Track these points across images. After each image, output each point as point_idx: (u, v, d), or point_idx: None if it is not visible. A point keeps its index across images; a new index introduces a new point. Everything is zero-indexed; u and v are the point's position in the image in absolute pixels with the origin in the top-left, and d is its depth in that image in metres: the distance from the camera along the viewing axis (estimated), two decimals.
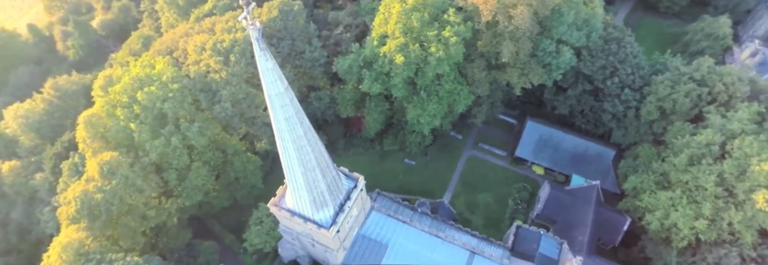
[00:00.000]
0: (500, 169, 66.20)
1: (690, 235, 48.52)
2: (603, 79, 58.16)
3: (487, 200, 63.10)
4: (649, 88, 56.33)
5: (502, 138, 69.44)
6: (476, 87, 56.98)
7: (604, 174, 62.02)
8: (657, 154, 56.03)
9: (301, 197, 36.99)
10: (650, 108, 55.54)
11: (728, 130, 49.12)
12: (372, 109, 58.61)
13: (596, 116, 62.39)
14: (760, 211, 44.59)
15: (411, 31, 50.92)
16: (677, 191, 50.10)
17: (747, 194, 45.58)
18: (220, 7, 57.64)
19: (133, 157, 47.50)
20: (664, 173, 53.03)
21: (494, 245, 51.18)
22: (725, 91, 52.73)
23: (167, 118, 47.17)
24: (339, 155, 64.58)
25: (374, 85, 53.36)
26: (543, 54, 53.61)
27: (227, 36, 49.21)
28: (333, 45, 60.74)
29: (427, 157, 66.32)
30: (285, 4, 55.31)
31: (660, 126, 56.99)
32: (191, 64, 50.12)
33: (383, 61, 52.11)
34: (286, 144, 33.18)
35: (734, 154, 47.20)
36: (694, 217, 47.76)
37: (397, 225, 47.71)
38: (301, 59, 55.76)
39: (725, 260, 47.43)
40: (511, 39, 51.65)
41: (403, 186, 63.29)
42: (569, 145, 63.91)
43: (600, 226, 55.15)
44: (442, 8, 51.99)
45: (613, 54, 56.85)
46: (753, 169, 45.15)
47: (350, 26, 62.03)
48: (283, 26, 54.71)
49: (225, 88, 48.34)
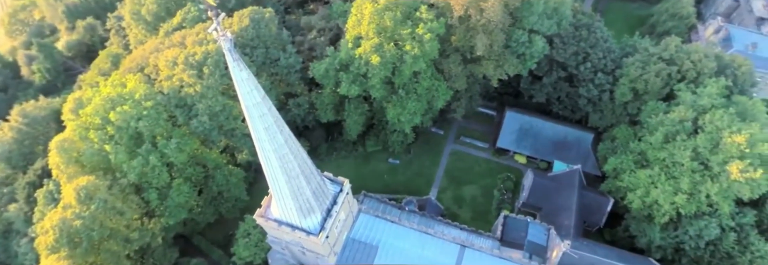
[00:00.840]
0: (483, 161, 66.07)
1: (671, 210, 49.05)
2: (576, 65, 58.42)
3: (473, 193, 62.94)
4: (621, 71, 56.76)
5: (483, 130, 69.25)
6: (454, 82, 56.53)
7: (584, 158, 62.37)
8: (633, 134, 56.56)
9: (286, 205, 36.16)
10: (623, 90, 55.96)
11: (699, 106, 49.83)
12: (352, 111, 57.81)
13: (572, 102, 62.75)
14: (735, 181, 45.21)
15: (385, 30, 50.27)
16: (655, 169, 50.57)
17: (721, 166, 46.17)
18: (189, 19, 55.90)
19: (111, 179, 45.82)
20: (641, 152, 53.44)
21: (483, 236, 51.02)
22: (693, 68, 53.33)
23: (143, 136, 45.69)
24: (322, 159, 63.68)
25: (352, 88, 52.51)
26: (516, 45, 53.66)
27: (199, 48, 47.72)
28: (308, 50, 59.57)
29: (411, 155, 65.80)
30: (256, 12, 54.01)
31: (634, 107, 57.38)
32: (164, 79, 48.51)
33: (359, 62, 51.30)
34: (267, 154, 32.35)
35: (706, 128, 47.90)
36: (674, 192, 48.25)
37: (386, 225, 47.24)
38: (277, 67, 54.51)
39: (706, 232, 48.21)
40: (484, 32, 51.42)
41: (389, 186, 62.67)
42: (549, 132, 64.13)
43: (584, 209, 55.46)
44: (414, 6, 51.48)
45: (584, 40, 57.20)
46: (725, 141, 45.83)
47: (324, 30, 60.92)
48: (255, 35, 53.33)
49: (201, 102, 46.99)
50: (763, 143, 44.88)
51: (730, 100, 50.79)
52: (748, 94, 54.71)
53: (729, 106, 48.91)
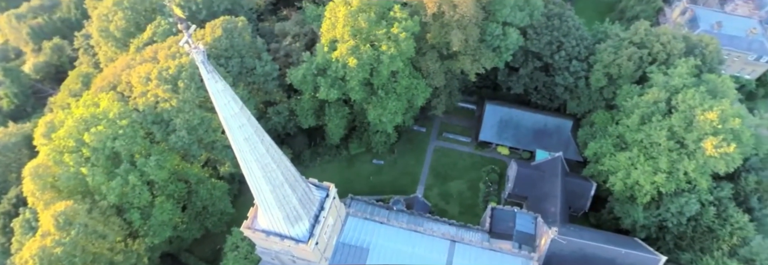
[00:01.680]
0: (467, 155, 65.77)
1: (652, 190, 49.75)
2: (551, 54, 58.60)
3: (459, 188, 62.56)
4: (594, 57, 57.16)
5: (464, 125, 68.88)
6: (432, 79, 55.96)
7: (565, 145, 62.66)
8: (611, 118, 57.03)
9: (273, 215, 35.29)
10: (598, 75, 56.46)
11: (671, 86, 50.51)
12: (332, 115, 56.67)
13: (550, 91, 62.86)
14: (710, 157, 46.11)
15: (360, 32, 49.35)
16: (634, 151, 51.15)
17: (696, 143, 46.97)
18: (160, 33, 53.75)
19: (90, 202, 43.73)
20: (619, 135, 53.96)
21: (473, 230, 50.88)
22: (663, 50, 54.06)
23: (121, 156, 43.86)
24: (306, 166, 62.36)
25: (331, 92, 51.43)
26: (491, 38, 53.49)
27: (172, 62, 45.76)
28: (284, 57, 58.04)
29: (395, 154, 64.95)
30: (228, 22, 52.38)
31: (610, 91, 57.83)
32: (138, 96, 46.64)
33: (336, 66, 50.23)
34: (249, 164, 31.81)
35: (680, 107, 48.61)
36: (653, 172, 48.92)
37: (376, 227, 46.72)
38: (253, 76, 52.93)
39: (686, 208, 49.11)
40: (458, 27, 51.10)
41: (375, 187, 61.85)
42: (529, 122, 64.19)
43: (569, 195, 55.72)
44: (388, 6, 50.71)
45: (557, 29, 57.37)
46: (698, 119, 46.61)
47: (298, 36, 59.53)
48: (229, 45, 51.65)
49: (178, 117, 45.26)
50: (734, 118, 45.72)
51: (700, 79, 51.53)
52: (717, 71, 55.61)
53: (699, 85, 49.69)
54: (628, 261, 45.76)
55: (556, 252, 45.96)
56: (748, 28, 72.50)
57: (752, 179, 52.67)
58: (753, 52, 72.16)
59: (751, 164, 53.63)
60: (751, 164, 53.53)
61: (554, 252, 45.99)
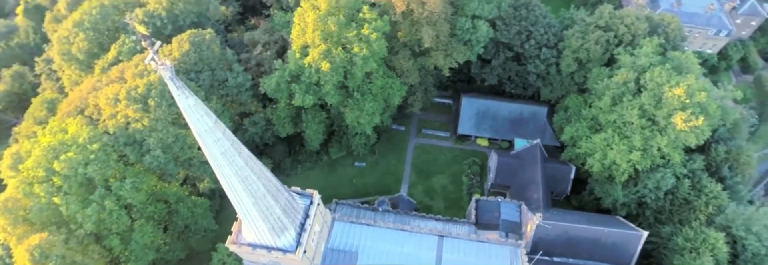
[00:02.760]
0: (448, 150, 65.06)
1: (628, 168, 50.11)
2: (521, 43, 58.38)
3: (442, 183, 61.85)
4: (563, 44, 57.27)
5: (442, 120, 68.10)
6: (406, 77, 55.01)
7: (542, 131, 62.49)
8: (584, 101, 57.38)
9: (258, 227, 34.03)
10: (568, 61, 56.64)
11: (638, 66, 50.97)
12: (310, 121, 55.18)
13: (523, 80, 62.65)
14: (681, 132, 46.64)
15: (330, 36, 48.03)
16: (609, 131, 51.48)
17: (667, 119, 47.47)
18: (125, 52, 51.10)
19: (66, 232, 41.45)
20: (593, 117, 54.29)
21: (459, 223, 50.41)
22: (628, 32, 54.41)
23: (95, 182, 41.60)
24: (288, 174, 60.61)
25: (306, 98, 50.02)
26: (461, 32, 52.93)
27: (140, 81, 43.71)
28: (255, 66, 56.14)
29: (376, 155, 63.73)
30: (195, 35, 50.29)
31: (580, 76, 58.04)
32: (107, 118, 44.42)
33: (310, 71, 48.79)
34: (228, 179, 30.53)
35: (648, 86, 49.03)
36: (628, 150, 49.24)
37: (363, 229, 45.84)
38: (226, 88, 51.04)
39: (663, 182, 49.73)
40: (428, 24, 50.44)
41: (359, 189, 60.62)
42: (505, 112, 63.80)
43: (550, 180, 55.70)
44: (356, 7, 49.49)
45: (525, 19, 57.23)
46: (666, 96, 47.13)
47: (269, 44, 57.72)
48: (198, 58, 49.51)
49: (151, 136, 43.29)
50: (700, 92, 46.45)
51: (665, 57, 52.09)
52: (680, 48, 56.35)
53: (665, 63, 50.29)
54: (612, 239, 46.08)
55: (542, 237, 45.92)
56: (706, 4, 73.85)
57: (721, 149, 53.55)
58: (712, 28, 73.61)
59: (720, 135, 54.51)
60: (719, 135, 54.39)
61: (540, 237, 45.95)
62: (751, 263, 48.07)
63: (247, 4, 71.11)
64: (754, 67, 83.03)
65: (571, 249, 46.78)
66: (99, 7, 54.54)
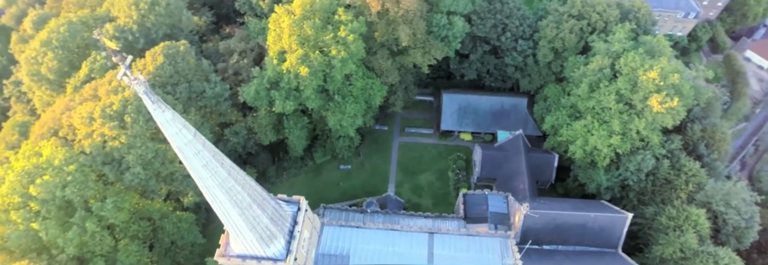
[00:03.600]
0: (432, 147, 64.50)
1: (609, 152, 50.48)
2: (497, 36, 58.21)
3: (429, 180, 61.29)
4: (538, 34, 57.29)
5: (425, 117, 67.55)
6: (386, 77, 54.34)
7: (523, 122, 62.46)
8: (562, 90, 57.52)
9: (246, 238, 33.17)
10: (544, 51, 56.77)
11: (613, 52, 51.30)
12: (292, 127, 53.96)
13: (501, 72, 62.47)
14: (657, 113, 47.19)
15: (307, 40, 47.06)
16: (588, 118, 51.82)
17: (643, 102, 47.92)
18: (97, 69, 49.05)
19: (48, 258, 39.55)
20: (572, 105, 54.55)
21: (448, 219, 50.08)
22: (600, 19, 54.84)
23: (74, 204, 39.89)
24: (273, 183, 59.31)
25: (287, 104, 48.96)
26: (438, 29, 52.56)
27: (115, 97, 42.09)
28: (233, 75, 54.60)
29: (361, 157, 62.78)
30: (169, 47, 48.72)
31: (557, 65, 58.18)
32: (83, 138, 42.60)
33: (288, 77, 47.76)
34: (212, 191, 29.71)
35: (623, 71, 49.40)
36: (608, 135, 49.61)
37: (352, 232, 45.17)
38: (204, 99, 49.58)
39: (643, 164, 50.25)
40: (404, 22, 49.96)
41: (346, 192, 59.65)
42: (486, 105, 63.51)
43: (534, 169, 55.69)
44: (331, 10, 48.57)
45: (499, 12, 57.11)
46: (641, 79, 47.57)
47: (245, 52, 56.09)
48: (173, 71, 47.96)
49: (130, 153, 41.70)
50: (673, 74, 47.08)
51: (638, 42, 52.55)
52: (652, 32, 56.78)
53: (638, 47, 50.85)
54: (598, 223, 46.30)
55: (530, 226, 45.86)
56: None
57: (697, 128, 54.41)
58: (681, 10, 74.40)
59: (694, 114, 55.27)
60: (694, 114, 55.15)
61: (529, 226, 45.89)
62: (733, 237, 49.27)
63: (221, 13, 69.68)
64: (722, 46, 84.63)
65: (560, 236, 46.93)
66: (67, 24, 52.50)
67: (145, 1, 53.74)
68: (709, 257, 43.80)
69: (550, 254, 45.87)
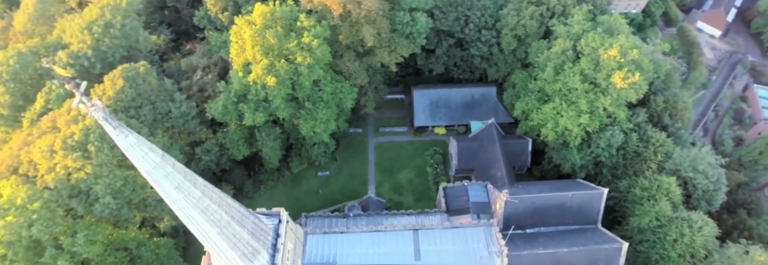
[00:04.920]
0: (408, 144, 63.73)
1: (580, 132, 50.90)
2: (460, 29, 57.73)
3: (408, 177, 60.55)
4: (500, 23, 57.06)
5: (398, 116, 66.64)
6: (355, 79, 53.19)
7: (495, 111, 62.36)
8: (529, 76, 57.67)
9: (229, 256, 31.98)
10: (508, 39, 56.61)
11: (573, 34, 51.56)
12: (265, 139, 52.31)
13: (468, 64, 62.00)
14: (621, 89, 47.70)
15: (271, 49, 45.60)
16: (556, 100, 52.07)
17: (607, 80, 48.30)
18: (53, 99, 46.54)
19: None
20: (540, 89, 54.74)
21: (431, 214, 49.68)
22: (558, 3, 55.10)
23: (43, 242, 37.72)
24: (251, 197, 57.41)
25: (257, 116, 47.41)
26: (401, 26, 51.99)
27: (76, 127, 39.88)
28: (198, 92, 52.61)
29: (338, 161, 61.51)
30: (127, 70, 46.60)
31: (521, 51, 58.10)
32: (45, 173, 40.27)
33: (256, 88, 46.22)
34: (188, 212, 28.67)
35: (585, 51, 49.78)
36: (577, 115, 50.03)
37: (337, 238, 44.14)
38: (170, 119, 47.69)
39: (613, 140, 50.84)
40: (368, 23, 49.06)
41: (327, 199, 58.32)
42: (457, 98, 63.01)
43: (510, 156, 55.62)
44: (293, 17, 47.29)
45: (461, 4, 56.83)
46: (603, 58, 48.00)
47: (208, 67, 54.12)
48: (135, 93, 45.91)
49: (97, 183, 39.62)
50: (632, 50, 47.60)
51: (596, 22, 53.00)
52: (608, 12, 57.23)
53: (596, 27, 51.32)
54: (576, 202, 46.55)
55: (512, 212, 45.76)
56: None
57: (660, 100, 55.23)
58: None
59: (656, 87, 56.06)
60: (655, 87, 55.93)
61: (510, 212, 45.78)
62: (703, 200, 50.36)
63: (179, 30, 67.31)
64: (675, 19, 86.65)
65: (541, 218, 47.00)
66: (16, 55, 49.57)
67: (98, 24, 51.35)
68: (684, 222, 44.60)
69: (533, 237, 45.83)
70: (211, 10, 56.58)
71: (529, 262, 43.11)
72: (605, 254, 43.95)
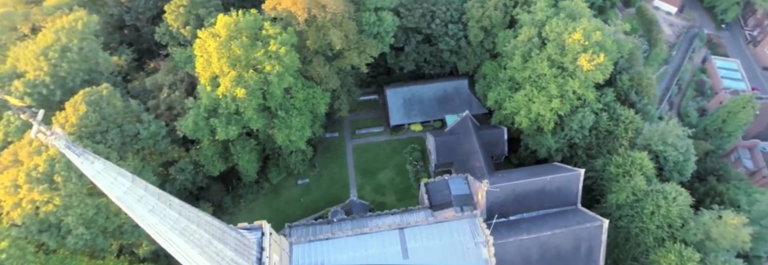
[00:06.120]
0: (385, 144, 62.98)
1: (552, 116, 51.15)
2: (427, 25, 57.27)
3: (389, 177, 59.76)
4: (466, 16, 56.93)
5: (373, 116, 65.75)
6: (326, 83, 52.03)
7: (468, 103, 62.14)
8: (498, 65, 57.69)
9: None
10: (474, 31, 56.54)
11: (537, 21, 51.74)
12: (240, 152, 50.67)
13: (438, 59, 61.61)
14: (588, 71, 48.04)
15: (238, 60, 44.13)
16: (527, 87, 52.15)
17: (573, 63, 48.64)
18: (12, 132, 43.60)
19: None
20: (510, 78, 54.83)
21: (415, 211, 49.21)
22: None
23: None
24: (232, 213, 55.55)
25: (230, 129, 45.86)
26: (368, 26, 51.27)
27: (39, 158, 37.58)
28: (167, 110, 50.58)
29: (317, 168, 60.18)
30: (89, 94, 44.46)
31: (489, 42, 58.05)
32: (11, 209, 38.11)
33: (226, 101, 44.69)
34: (166, 235, 27.67)
35: (550, 37, 50.04)
36: (548, 100, 50.25)
37: (323, 245, 43.23)
38: (140, 141, 45.78)
39: (585, 121, 51.22)
40: (334, 26, 48.14)
41: (309, 206, 57.00)
42: (429, 93, 62.58)
43: (487, 146, 55.48)
44: (257, 26, 45.90)
45: (425, 0, 56.47)
46: (568, 42, 48.35)
47: (175, 84, 52.08)
48: (100, 118, 43.84)
49: (68, 215, 37.52)
50: (595, 32, 48.05)
51: (558, 8, 53.35)
52: None
53: (559, 13, 51.64)
54: (555, 184, 46.73)
55: (494, 201, 45.63)
56: None
57: (625, 78, 55.69)
58: None
59: (621, 66, 56.52)
60: (620, 66, 56.39)
61: (493, 202, 45.64)
62: (675, 171, 51.00)
63: (141, 48, 64.94)
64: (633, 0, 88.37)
65: (523, 204, 47.00)
66: None
67: (54, 49, 48.81)
68: (659, 194, 44.98)
69: (517, 224, 45.77)
70: (173, 25, 54.65)
71: (515, 248, 43.12)
72: (588, 232, 44.35)
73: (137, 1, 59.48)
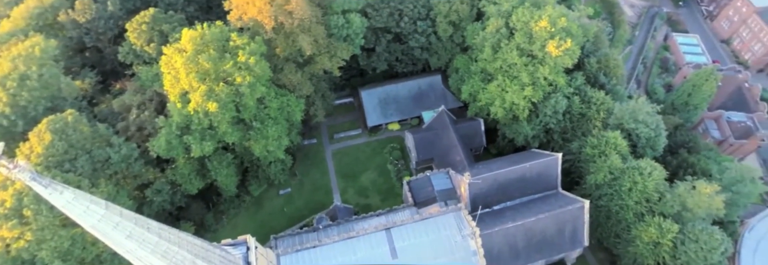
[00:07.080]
0: (364, 145, 62.13)
1: (526, 104, 51.52)
2: (396, 23, 57.01)
3: (371, 178, 58.95)
4: (433, 12, 56.77)
5: (350, 119, 64.86)
6: (300, 90, 51.12)
7: (443, 98, 61.96)
8: (469, 59, 57.77)
9: None
10: (443, 26, 56.60)
11: (504, 12, 52.07)
12: (218, 167, 49.24)
13: (409, 57, 61.32)
14: (557, 57, 48.45)
15: (207, 74, 42.90)
16: (499, 78, 52.32)
17: (542, 51, 49.00)
18: None
19: None
20: (482, 70, 54.89)
21: (400, 210, 48.78)
22: None
23: None
24: (215, 230, 53.81)
25: (205, 145, 44.57)
26: (337, 30, 50.59)
27: (5, 193, 35.79)
28: (137, 132, 48.69)
29: (298, 176, 58.86)
30: (54, 122, 42.47)
31: (458, 36, 58.05)
32: None
33: (198, 117, 43.44)
34: (146, 260, 26.65)
35: (517, 26, 50.35)
36: (521, 88, 50.57)
37: (311, 254, 42.46)
38: (111, 165, 43.99)
39: (558, 106, 51.69)
40: (303, 32, 47.28)
41: (293, 216, 55.72)
42: (404, 92, 62.21)
43: (465, 139, 55.39)
44: (224, 38, 44.68)
45: (392, 0, 56.16)
46: (535, 30, 48.70)
47: (144, 104, 50.22)
48: (67, 145, 41.83)
49: (41, 249, 35.74)
50: (560, 19, 48.48)
51: None
52: None
53: (524, 2, 51.90)
54: (535, 171, 46.94)
55: (477, 193, 45.54)
56: None
57: (593, 61, 56.31)
58: None
59: (587, 50, 57.04)
60: (587, 50, 56.92)
61: (476, 193, 45.54)
62: (647, 147, 51.69)
63: (105, 70, 62.45)
64: None
65: (506, 193, 47.07)
66: None
67: (12, 78, 46.59)
68: (635, 171, 45.55)
69: (501, 213, 45.72)
70: (136, 43, 52.80)
71: (501, 237, 43.12)
72: (570, 214, 44.73)
73: (96, 21, 57.20)
